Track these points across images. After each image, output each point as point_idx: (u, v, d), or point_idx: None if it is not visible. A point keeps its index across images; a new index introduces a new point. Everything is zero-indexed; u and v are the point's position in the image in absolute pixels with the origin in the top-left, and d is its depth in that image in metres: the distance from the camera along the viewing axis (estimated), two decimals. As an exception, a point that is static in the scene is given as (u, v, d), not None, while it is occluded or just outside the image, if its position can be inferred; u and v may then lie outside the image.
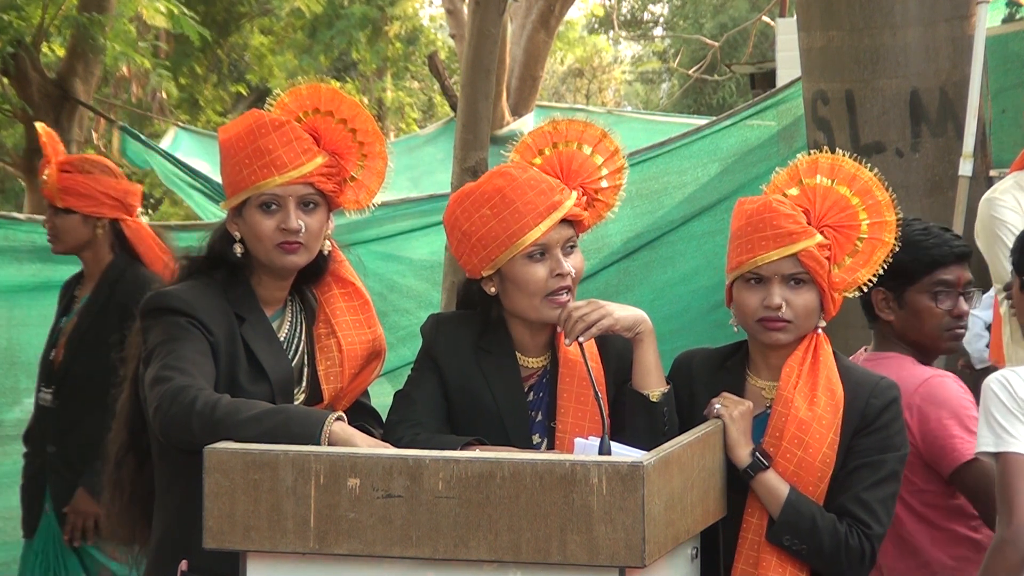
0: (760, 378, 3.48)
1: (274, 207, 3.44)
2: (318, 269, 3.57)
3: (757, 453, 3.33)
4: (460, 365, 3.47)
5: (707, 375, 3.50)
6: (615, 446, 3.12)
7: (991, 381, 3.48)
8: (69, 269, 5.68)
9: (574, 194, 3.44)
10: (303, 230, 3.44)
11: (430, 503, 2.89)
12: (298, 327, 3.57)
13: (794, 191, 3.43)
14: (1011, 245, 3.77)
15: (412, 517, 2.90)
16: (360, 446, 3.09)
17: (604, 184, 3.50)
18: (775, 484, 3.32)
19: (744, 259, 3.40)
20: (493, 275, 3.44)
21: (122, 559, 5.19)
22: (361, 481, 2.92)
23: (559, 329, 3.40)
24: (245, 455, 2.99)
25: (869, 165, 3.48)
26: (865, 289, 3.45)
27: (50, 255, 5.59)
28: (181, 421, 3.20)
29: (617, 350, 3.48)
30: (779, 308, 3.37)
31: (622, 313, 3.36)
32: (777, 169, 3.51)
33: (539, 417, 3.48)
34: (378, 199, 3.61)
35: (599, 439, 3.14)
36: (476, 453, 3.03)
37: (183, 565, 3.37)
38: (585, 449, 3.18)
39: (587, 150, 3.49)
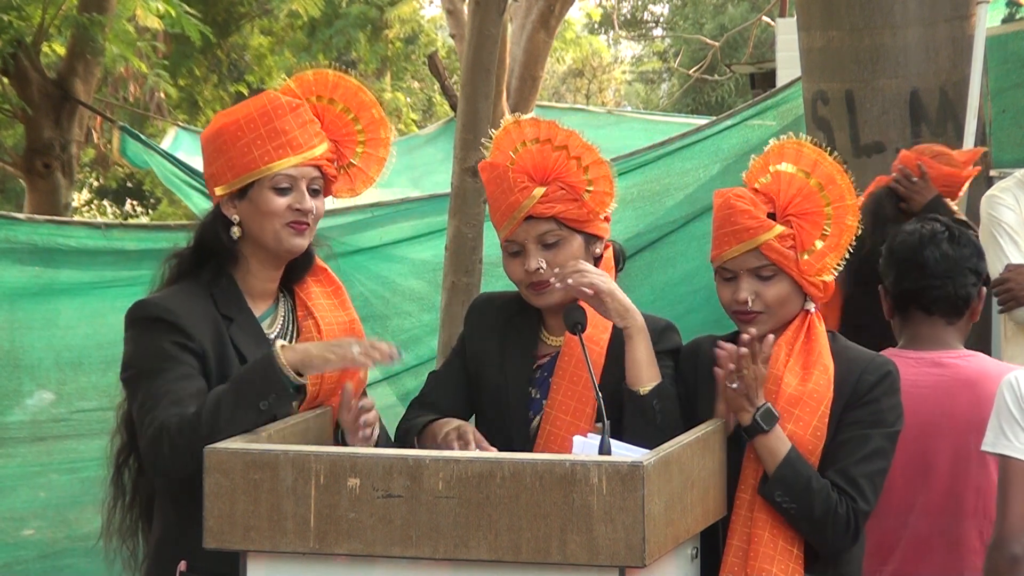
0: None
1: (287, 188, 3.45)
2: (307, 262, 3.57)
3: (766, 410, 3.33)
4: (484, 337, 3.59)
5: (714, 358, 3.51)
6: (615, 445, 3.12)
7: (1005, 381, 3.49)
8: (71, 272, 5.65)
9: (539, 190, 3.46)
10: (314, 211, 3.46)
11: (430, 503, 2.90)
12: (290, 324, 3.57)
13: (765, 179, 3.46)
14: (1004, 243, 3.75)
15: (412, 517, 2.90)
16: (313, 353, 3.21)
17: (590, 189, 3.50)
18: (776, 444, 3.32)
19: (715, 255, 3.48)
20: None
21: None
22: (361, 481, 2.92)
23: (555, 283, 3.43)
24: (245, 455, 2.99)
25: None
26: (836, 272, 3.44)
27: (52, 257, 5.51)
28: (179, 462, 3.22)
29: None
30: (746, 302, 3.42)
31: (622, 296, 3.42)
32: (753, 156, 3.55)
33: (537, 395, 3.52)
34: (376, 198, 3.62)
35: (599, 437, 3.14)
36: (476, 453, 3.03)
37: (183, 565, 3.37)
38: (585, 448, 3.18)
39: (568, 151, 3.50)
